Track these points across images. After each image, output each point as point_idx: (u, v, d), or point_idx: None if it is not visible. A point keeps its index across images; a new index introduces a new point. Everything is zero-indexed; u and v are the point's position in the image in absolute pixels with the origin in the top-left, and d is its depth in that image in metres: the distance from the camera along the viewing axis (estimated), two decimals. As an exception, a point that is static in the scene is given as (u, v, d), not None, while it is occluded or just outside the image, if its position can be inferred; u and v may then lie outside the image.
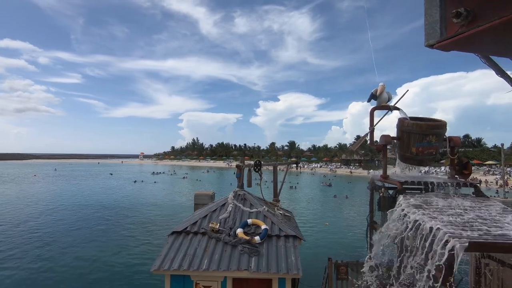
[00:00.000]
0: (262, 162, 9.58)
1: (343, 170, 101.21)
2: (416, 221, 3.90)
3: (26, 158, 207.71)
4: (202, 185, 55.62)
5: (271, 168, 13.21)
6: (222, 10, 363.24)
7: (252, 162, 9.65)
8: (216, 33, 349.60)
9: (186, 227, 7.27)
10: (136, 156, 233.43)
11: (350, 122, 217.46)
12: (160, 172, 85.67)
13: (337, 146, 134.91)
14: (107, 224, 24.47)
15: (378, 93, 6.41)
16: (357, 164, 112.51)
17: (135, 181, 60.71)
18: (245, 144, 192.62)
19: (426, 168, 8.54)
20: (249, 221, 7.39)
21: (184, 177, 70.78)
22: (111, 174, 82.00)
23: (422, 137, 5.22)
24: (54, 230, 22.29)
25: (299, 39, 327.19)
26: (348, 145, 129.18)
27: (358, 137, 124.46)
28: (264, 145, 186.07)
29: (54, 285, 13.06)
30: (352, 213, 30.38)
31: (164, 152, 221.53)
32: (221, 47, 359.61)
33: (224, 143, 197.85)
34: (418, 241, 3.73)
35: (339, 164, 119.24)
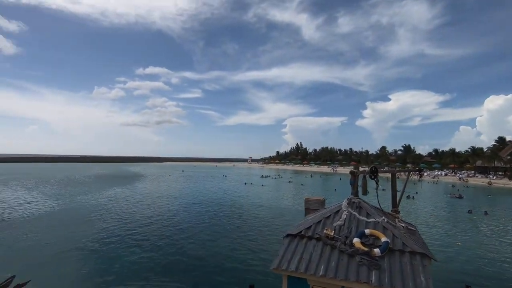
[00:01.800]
0: (378, 169, 8.87)
1: (478, 180, 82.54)
2: None
3: (163, 160, 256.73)
4: (306, 189, 55.67)
5: (384, 175, 12.04)
6: (324, 13, 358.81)
7: (367, 168, 9.05)
8: (318, 37, 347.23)
9: (301, 231, 7.42)
10: (245, 160, 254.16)
11: (487, 120, 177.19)
12: (267, 176, 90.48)
13: (469, 150, 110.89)
14: (222, 220, 27.48)
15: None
16: (500, 173, 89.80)
17: (245, 183, 66.14)
18: (350, 149, 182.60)
19: None
20: (367, 231, 6.95)
21: (289, 181, 72.53)
22: (225, 176, 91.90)
23: None
24: (182, 222, 26.60)
25: (414, 30, 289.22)
26: (485, 149, 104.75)
27: (501, 139, 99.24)
28: (373, 150, 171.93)
29: (177, 271, 15.54)
30: (495, 234, 24.37)
31: (270, 156, 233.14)
32: (324, 50, 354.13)
33: (329, 147, 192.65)
34: None
35: (472, 172, 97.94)
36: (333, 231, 7.12)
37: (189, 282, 13.79)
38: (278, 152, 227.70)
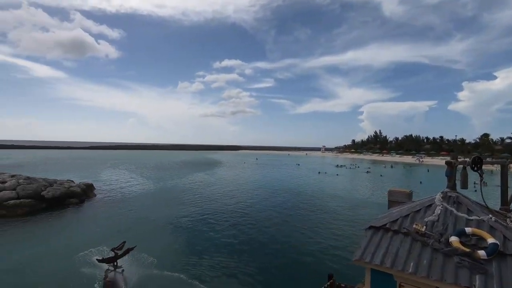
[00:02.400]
0: (483, 159, 7.59)
1: None
2: None
3: (238, 149, 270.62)
4: (386, 181, 51.49)
5: (487, 167, 10.20)
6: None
7: (467, 159, 7.83)
8: (401, 12, 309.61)
9: (385, 224, 6.94)
10: (318, 149, 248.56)
11: None
12: (342, 165, 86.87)
13: None
14: (296, 208, 27.65)
15: None
16: None
17: (319, 172, 64.91)
18: (441, 137, 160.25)
19: None
20: (468, 230, 6.07)
21: (367, 172, 68.18)
22: (298, 164, 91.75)
23: None
24: (257, 207, 27.75)
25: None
26: None
27: None
28: (470, 138, 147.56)
29: (253, 254, 16.29)
30: None
31: (345, 145, 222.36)
32: (409, 26, 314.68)
33: (413, 135, 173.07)
34: None
35: None
36: (424, 227, 6.46)
37: (266, 267, 14.45)
38: (353, 140, 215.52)
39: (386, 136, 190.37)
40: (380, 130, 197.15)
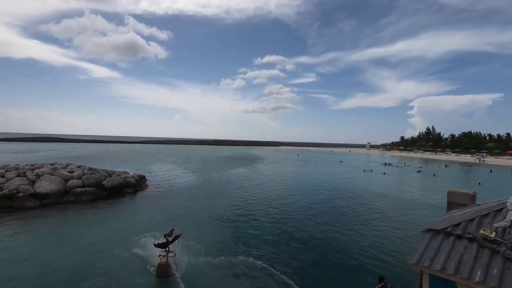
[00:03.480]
0: None
1: None
2: None
3: (279, 145, 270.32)
4: (440, 181, 47.44)
5: None
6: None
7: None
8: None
9: (446, 227, 6.43)
10: (362, 146, 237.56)
11: None
12: (389, 163, 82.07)
13: None
14: (341, 206, 26.81)
15: None
16: None
17: (364, 170, 62.13)
18: (508, 134, 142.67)
19: None
20: (549, 239, 5.37)
21: (418, 171, 63.49)
22: (341, 161, 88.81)
23: None
24: (299, 204, 27.48)
25: None
26: None
27: None
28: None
29: (297, 251, 16.14)
30: None
31: (392, 142, 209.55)
32: (470, 11, 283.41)
33: (472, 132, 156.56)
34: None
35: None
36: (493, 233, 5.85)
37: (308, 265, 14.31)
38: (402, 137, 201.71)
39: (440, 133, 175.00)
40: (433, 126, 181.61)
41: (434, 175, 56.67)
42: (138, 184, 32.85)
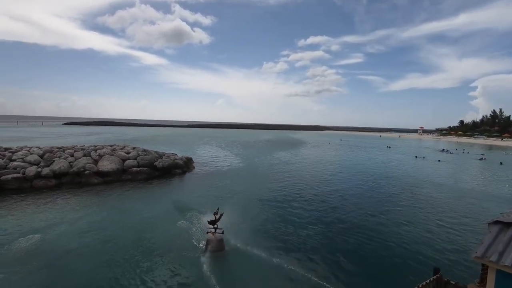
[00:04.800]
0: None
1: None
2: None
3: (322, 129, 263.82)
4: (508, 171, 42.34)
5: None
6: None
7: None
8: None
9: (519, 221, 5.76)
10: (414, 131, 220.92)
11: None
12: (445, 150, 75.29)
13: None
14: (391, 195, 25.52)
15: None
16: None
17: (415, 157, 57.95)
18: None
19: None
20: None
21: (481, 159, 57.37)
22: (389, 147, 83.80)
23: None
24: (345, 191, 26.73)
25: None
26: None
27: None
28: None
29: (338, 239, 15.78)
30: None
31: (449, 127, 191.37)
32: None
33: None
34: None
35: None
36: None
37: (356, 254, 14.01)
38: (462, 121, 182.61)
39: (510, 116, 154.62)
40: (500, 109, 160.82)
41: (501, 163, 50.71)
42: (186, 165, 34.74)
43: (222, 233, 13.63)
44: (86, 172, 26.80)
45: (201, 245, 13.59)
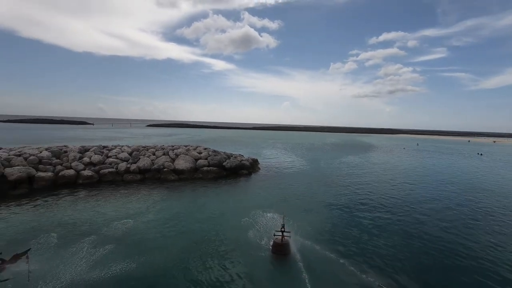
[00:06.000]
0: None
1: None
2: None
3: (395, 132, 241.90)
4: None
5: None
6: None
7: None
8: None
9: None
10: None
11: None
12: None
13: None
14: (473, 209, 21.96)
15: None
16: None
17: (517, 167, 48.70)
18: None
19: None
20: None
21: None
22: (480, 154, 72.24)
23: None
24: (416, 200, 23.92)
25: None
26: None
27: None
28: None
29: (409, 250, 14.01)
30: None
31: None
32: None
33: None
34: None
35: None
36: None
37: (428, 267, 12.40)
38: None
39: None
40: None
41: None
42: (252, 166, 35.71)
43: (289, 237, 13.54)
44: (164, 169, 29.74)
45: (263, 242, 13.87)
